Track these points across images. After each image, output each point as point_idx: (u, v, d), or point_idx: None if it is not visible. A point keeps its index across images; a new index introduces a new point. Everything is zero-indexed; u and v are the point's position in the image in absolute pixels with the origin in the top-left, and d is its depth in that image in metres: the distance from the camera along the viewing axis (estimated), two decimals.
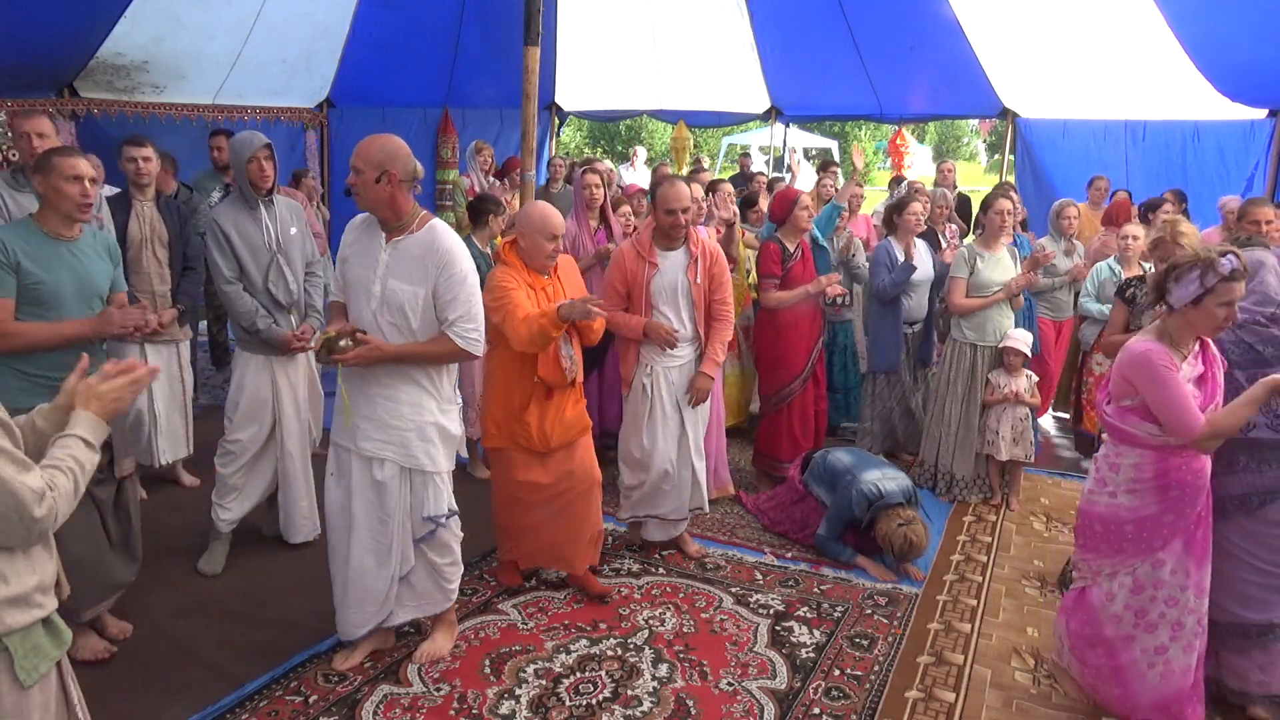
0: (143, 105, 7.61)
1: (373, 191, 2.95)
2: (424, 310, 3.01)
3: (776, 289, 4.78)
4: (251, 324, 3.86)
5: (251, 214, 3.88)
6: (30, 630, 1.79)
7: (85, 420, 1.90)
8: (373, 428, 3.08)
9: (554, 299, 3.48)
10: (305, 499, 4.16)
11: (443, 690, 3.17)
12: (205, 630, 3.50)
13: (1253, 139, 7.20)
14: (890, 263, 5.20)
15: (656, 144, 29.57)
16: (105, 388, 1.95)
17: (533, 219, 3.48)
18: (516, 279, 3.45)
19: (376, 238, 3.05)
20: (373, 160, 2.93)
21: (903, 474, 4.33)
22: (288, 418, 4.03)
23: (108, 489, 3.23)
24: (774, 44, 9.09)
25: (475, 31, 8.67)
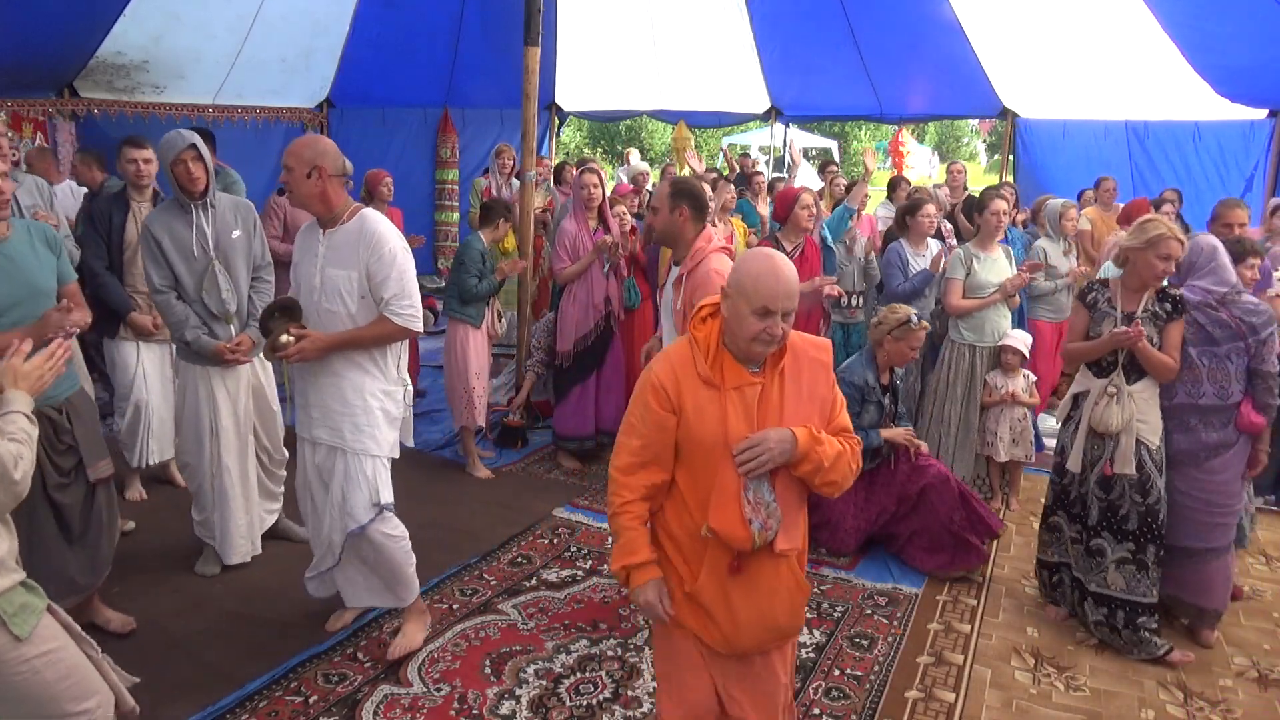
0: (142, 105, 7.61)
1: (304, 186, 3.08)
2: (359, 293, 3.11)
3: None
4: (181, 334, 3.68)
5: (185, 218, 3.67)
6: (12, 592, 2.00)
7: (21, 398, 2.05)
8: (319, 414, 3.21)
9: (769, 413, 2.08)
10: (242, 517, 3.92)
11: (443, 690, 3.17)
12: (205, 630, 3.50)
13: (1253, 139, 7.21)
14: (902, 264, 5.17)
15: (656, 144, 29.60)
16: (28, 367, 2.10)
17: (744, 283, 2.04)
18: (678, 383, 2.09)
19: (315, 234, 3.20)
20: (303, 158, 3.06)
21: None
22: (224, 430, 3.83)
23: (74, 492, 3.08)
24: (774, 44, 9.10)
25: (475, 31, 8.69)
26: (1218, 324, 3.48)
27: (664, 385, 2.09)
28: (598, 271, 5.14)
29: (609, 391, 5.33)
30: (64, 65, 6.99)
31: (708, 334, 2.13)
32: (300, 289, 3.24)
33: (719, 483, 2.04)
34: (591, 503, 4.89)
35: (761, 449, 2.01)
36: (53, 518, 3.05)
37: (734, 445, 2.03)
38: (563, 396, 5.31)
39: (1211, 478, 3.57)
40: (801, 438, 2.04)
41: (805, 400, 2.13)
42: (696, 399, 2.08)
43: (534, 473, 5.36)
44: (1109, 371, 3.57)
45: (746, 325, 2.02)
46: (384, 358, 3.21)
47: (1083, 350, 3.63)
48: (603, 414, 5.33)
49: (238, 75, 7.97)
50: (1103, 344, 3.53)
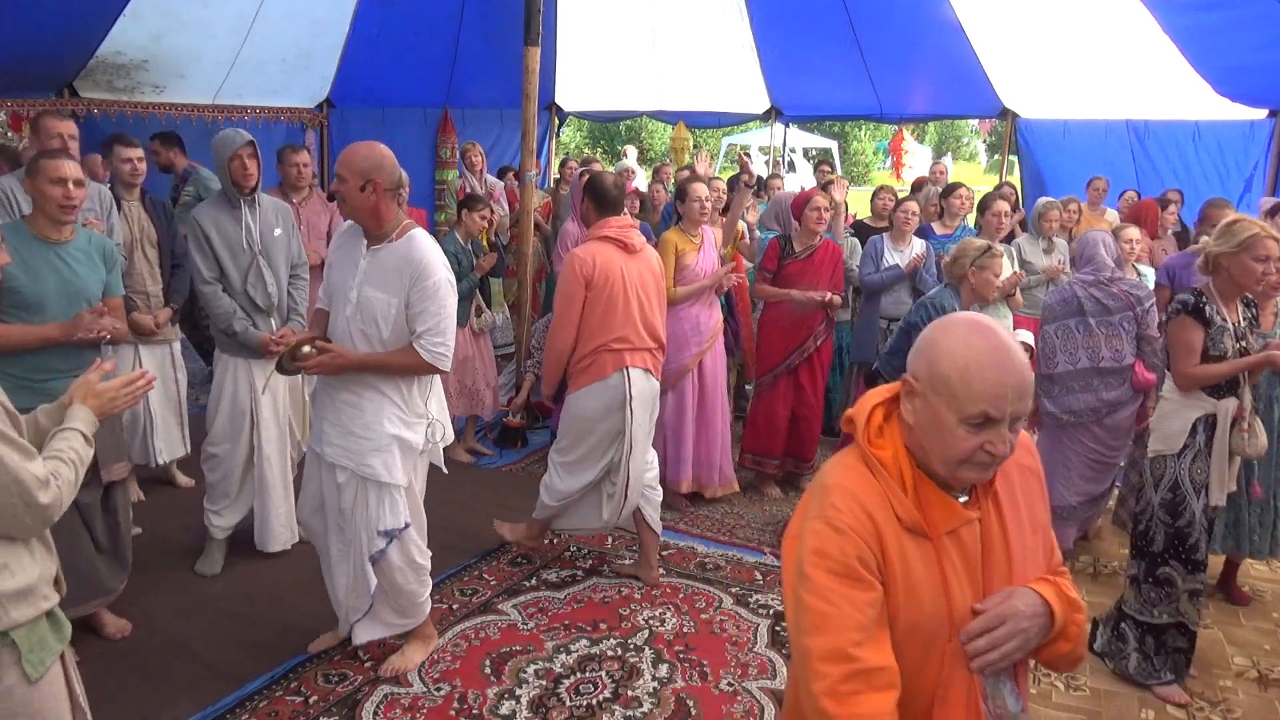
0: (143, 105, 7.61)
1: (357, 199, 2.93)
2: (395, 320, 2.97)
3: (767, 283, 4.87)
4: (228, 325, 3.78)
5: (233, 213, 3.81)
6: (36, 624, 1.81)
7: (82, 414, 1.95)
8: (335, 434, 3.05)
9: (995, 567, 1.44)
10: (283, 506, 4.02)
11: (443, 690, 3.17)
12: (205, 630, 3.50)
13: (1253, 139, 7.20)
14: (876, 257, 5.31)
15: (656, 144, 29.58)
16: (104, 387, 2.00)
17: (949, 376, 1.37)
18: (878, 533, 1.38)
19: (358, 245, 3.05)
20: (357, 169, 2.91)
21: None
22: (265, 422, 3.92)
23: (92, 493, 3.17)
24: (774, 44, 9.08)
25: (475, 31, 8.68)
26: (1112, 297, 4.09)
27: (862, 537, 1.32)
28: None
29: None
30: (64, 65, 6.99)
31: (895, 451, 1.39)
32: (332, 298, 3.10)
33: (942, 689, 1.35)
34: None
35: (1007, 631, 1.32)
36: (79, 520, 3.12)
37: (963, 626, 1.34)
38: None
39: (1109, 433, 4.16)
40: (1055, 604, 1.38)
41: (1029, 534, 1.46)
42: (904, 557, 1.35)
43: (534, 473, 5.35)
44: (1228, 391, 3.21)
45: (953, 442, 1.33)
46: (409, 388, 3.07)
47: (1223, 371, 3.16)
48: None
49: (238, 75, 7.97)
50: (1255, 362, 3.15)
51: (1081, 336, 4.12)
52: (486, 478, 5.25)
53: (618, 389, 3.70)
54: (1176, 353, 3.25)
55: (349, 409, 3.03)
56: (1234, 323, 3.21)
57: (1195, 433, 3.23)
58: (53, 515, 1.79)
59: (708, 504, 4.88)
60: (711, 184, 5.64)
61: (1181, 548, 3.23)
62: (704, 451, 4.82)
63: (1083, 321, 4.12)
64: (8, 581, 1.75)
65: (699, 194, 4.69)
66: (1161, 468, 3.29)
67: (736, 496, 4.99)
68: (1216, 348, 3.16)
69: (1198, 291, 3.22)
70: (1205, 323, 3.16)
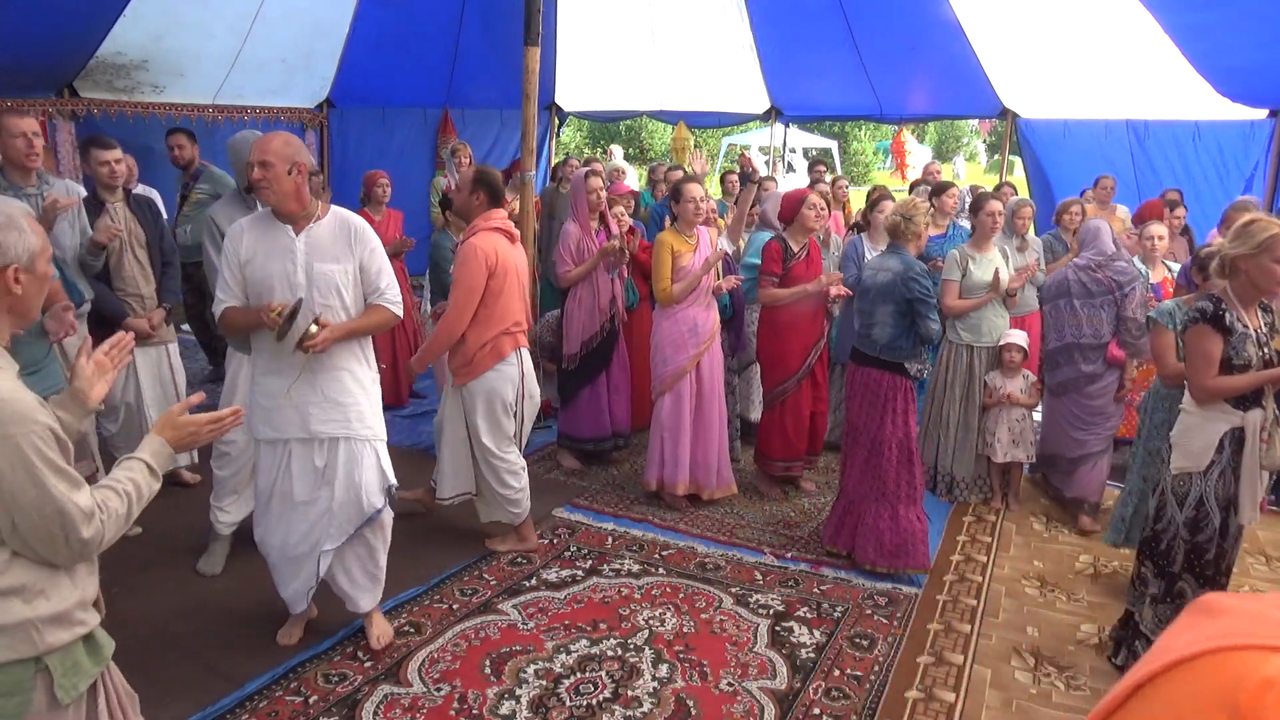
0: (142, 105, 7.61)
1: (284, 184, 3.07)
2: (354, 286, 3.19)
3: (775, 287, 4.78)
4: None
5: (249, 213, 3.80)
6: (71, 648, 1.77)
7: (154, 445, 1.91)
8: (322, 410, 3.19)
9: None
10: None
11: (443, 690, 3.17)
12: (205, 630, 3.50)
13: (1253, 139, 7.20)
14: (858, 258, 5.29)
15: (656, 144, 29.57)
16: (184, 420, 1.95)
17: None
18: None
19: (279, 232, 3.15)
20: (282, 154, 3.06)
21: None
22: None
23: None
24: (773, 44, 9.09)
25: (475, 31, 8.68)
26: (1095, 282, 4.65)
27: None
28: (602, 273, 5.14)
29: (618, 393, 5.35)
30: (64, 65, 6.99)
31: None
32: (264, 286, 3.12)
33: None
34: (591, 503, 4.90)
35: None
36: None
37: None
38: (570, 399, 5.31)
39: (1089, 401, 4.75)
40: None
41: None
42: None
43: (534, 473, 5.33)
44: (1253, 402, 3.09)
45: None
46: (368, 348, 3.33)
47: (1244, 384, 3.03)
48: (615, 415, 5.36)
49: (238, 75, 7.97)
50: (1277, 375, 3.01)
51: (1068, 315, 4.74)
52: None
53: (514, 367, 4.07)
54: (1195, 364, 3.08)
55: (333, 382, 3.20)
56: (1255, 329, 3.06)
57: (1222, 448, 3.12)
58: (91, 551, 1.75)
59: (708, 504, 4.89)
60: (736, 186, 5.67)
61: (1198, 563, 3.18)
62: (701, 454, 4.82)
63: (1069, 302, 4.72)
64: (43, 607, 1.71)
65: (694, 194, 4.68)
66: (1187, 485, 3.18)
67: (736, 497, 4.99)
68: (1240, 356, 3.02)
69: (1215, 298, 3.05)
70: (1225, 331, 3.00)
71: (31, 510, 1.65)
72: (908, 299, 4.02)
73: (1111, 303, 4.61)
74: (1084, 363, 4.70)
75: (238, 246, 3.16)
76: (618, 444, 5.43)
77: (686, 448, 4.77)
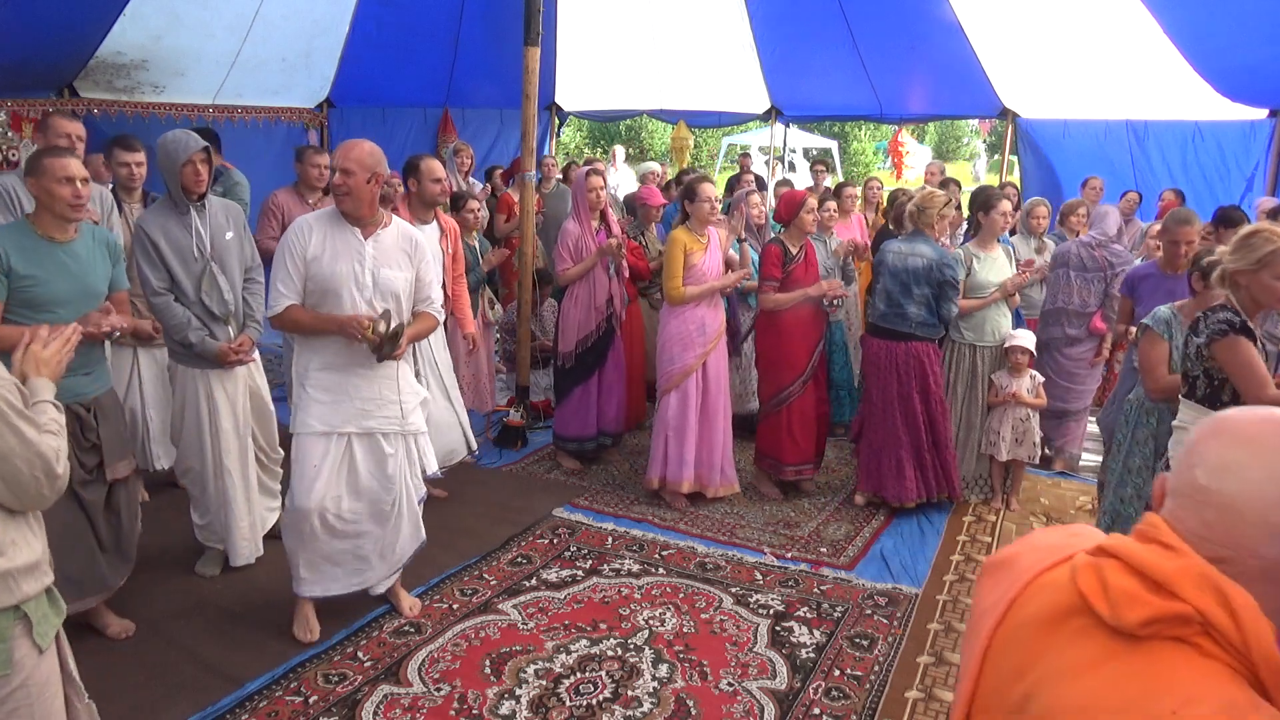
0: (142, 105, 7.60)
1: (364, 191, 3.20)
2: (409, 293, 3.39)
3: (776, 291, 4.77)
4: (184, 337, 3.61)
5: (181, 220, 3.62)
6: (40, 599, 1.91)
7: (44, 385, 2.03)
8: (376, 406, 3.36)
9: None
10: (245, 518, 3.88)
11: (443, 690, 3.17)
12: (205, 630, 3.50)
13: (1253, 139, 7.19)
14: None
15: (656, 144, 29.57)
16: (48, 354, 2.09)
17: None
18: None
19: (348, 234, 3.26)
20: (365, 164, 3.18)
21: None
22: (225, 433, 3.78)
23: (96, 490, 3.19)
24: (774, 44, 9.08)
25: (475, 31, 8.68)
26: (1092, 258, 5.28)
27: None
28: (601, 272, 5.14)
29: (610, 393, 5.33)
30: (64, 65, 6.98)
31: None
32: (332, 285, 3.22)
33: None
34: (591, 503, 4.90)
35: None
36: (84, 516, 3.14)
37: None
38: (564, 397, 5.31)
39: (1069, 361, 5.40)
40: None
41: None
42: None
43: (534, 473, 5.36)
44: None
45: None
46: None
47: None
48: (604, 415, 5.33)
49: (238, 75, 7.96)
50: None
51: (1063, 283, 5.36)
52: (486, 478, 5.25)
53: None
54: (1246, 380, 2.80)
55: (387, 381, 3.38)
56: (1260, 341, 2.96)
57: None
58: (63, 485, 1.91)
59: (708, 504, 4.89)
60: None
61: None
62: (706, 452, 4.82)
63: (1067, 272, 5.35)
64: (19, 557, 1.84)
65: (708, 194, 4.69)
66: None
67: (736, 496, 4.99)
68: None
69: (1229, 307, 2.90)
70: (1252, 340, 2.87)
71: (16, 458, 1.78)
72: (940, 281, 4.53)
73: (1102, 279, 5.24)
74: (1069, 326, 5.34)
75: (304, 242, 3.22)
76: (603, 444, 5.41)
77: (691, 447, 4.77)
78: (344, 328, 3.19)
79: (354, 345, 3.22)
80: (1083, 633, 1.02)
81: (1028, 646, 1.08)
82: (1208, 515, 0.99)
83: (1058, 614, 1.06)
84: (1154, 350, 3.45)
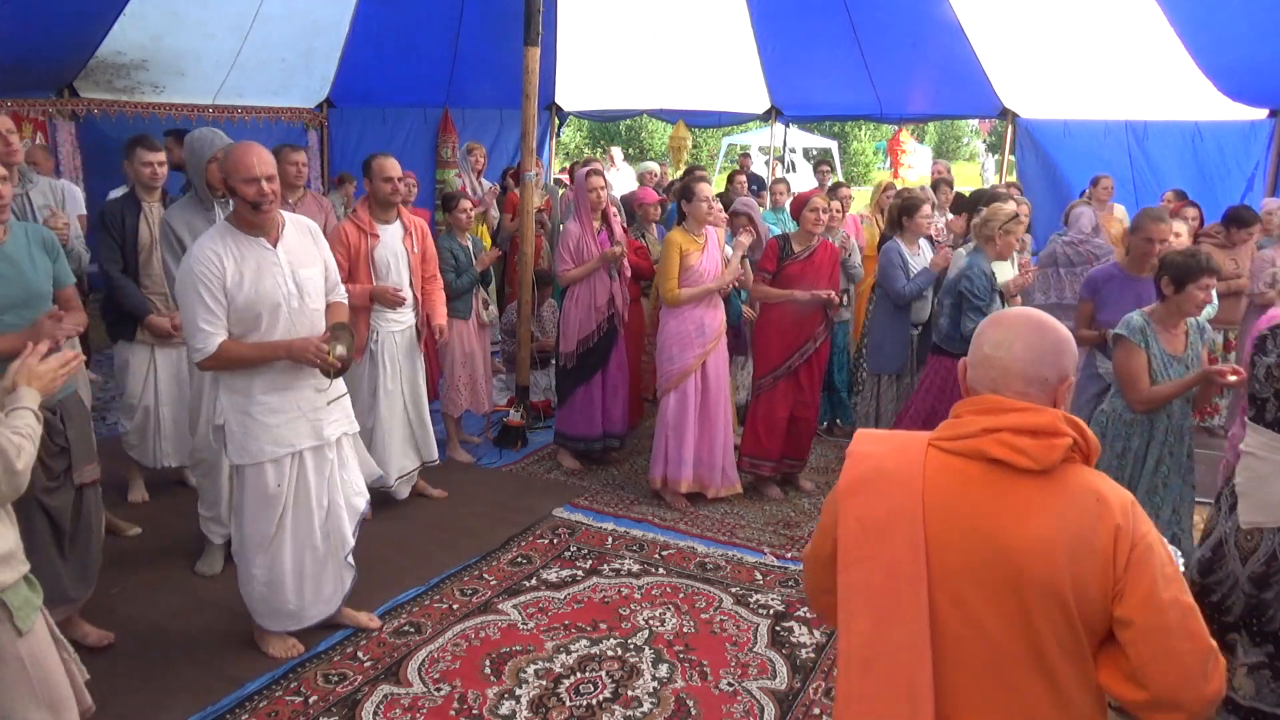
0: (142, 105, 7.61)
1: (276, 198, 3.02)
2: (324, 285, 3.24)
3: (765, 283, 4.81)
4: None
5: (206, 216, 3.73)
6: (18, 585, 2.03)
7: (30, 395, 2.07)
8: (329, 412, 3.25)
9: None
10: None
11: (443, 690, 3.17)
12: (205, 630, 3.50)
13: (1253, 139, 7.20)
14: (903, 264, 5.12)
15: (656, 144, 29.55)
16: (43, 368, 2.12)
17: None
18: None
19: (255, 245, 3.02)
20: (275, 165, 3.04)
21: None
22: None
23: (63, 496, 3.06)
24: (774, 44, 9.09)
25: (475, 31, 8.68)
26: (1078, 254, 5.68)
27: None
28: (601, 272, 5.13)
29: (614, 394, 5.32)
30: (64, 65, 6.99)
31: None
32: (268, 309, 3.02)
33: None
34: (591, 503, 4.90)
35: None
36: (47, 523, 3.03)
37: None
38: (566, 397, 5.31)
39: None
40: None
41: None
42: None
43: (534, 473, 5.36)
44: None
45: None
46: None
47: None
48: (609, 416, 5.33)
49: (238, 75, 7.97)
50: None
51: (1054, 280, 5.71)
52: (486, 478, 5.25)
53: None
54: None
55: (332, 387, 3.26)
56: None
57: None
58: (22, 484, 1.98)
59: (708, 504, 4.88)
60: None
61: (1258, 621, 2.81)
62: (706, 452, 4.82)
63: (1056, 270, 5.71)
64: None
65: (706, 194, 4.69)
66: (1256, 541, 2.76)
67: (736, 496, 4.99)
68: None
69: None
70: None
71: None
72: (959, 290, 4.17)
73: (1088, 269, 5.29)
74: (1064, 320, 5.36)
75: (220, 271, 2.93)
76: (609, 444, 5.41)
77: (690, 446, 4.77)
78: (297, 354, 3.01)
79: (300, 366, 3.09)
80: (1004, 486, 1.45)
81: (963, 514, 1.46)
82: (994, 374, 1.52)
83: (971, 483, 1.47)
84: (1132, 361, 3.33)
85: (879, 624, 1.48)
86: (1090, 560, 1.38)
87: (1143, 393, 3.31)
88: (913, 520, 1.46)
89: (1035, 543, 1.39)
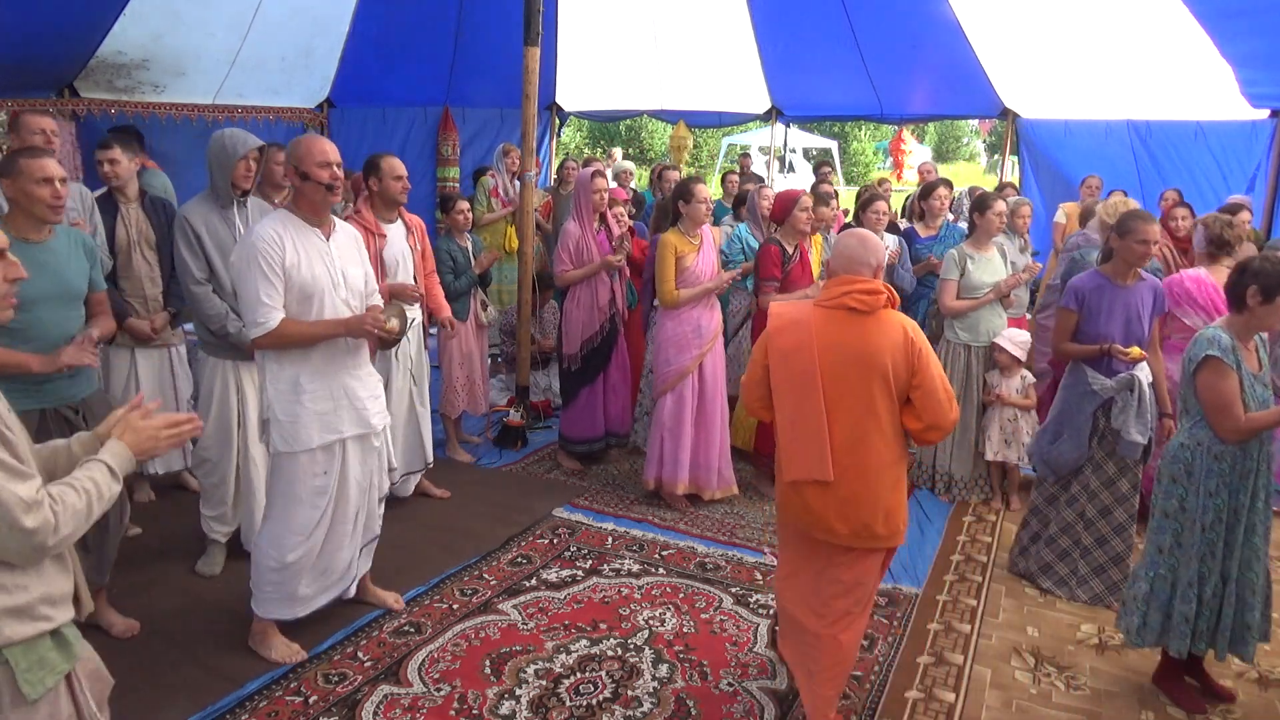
0: (143, 105, 7.60)
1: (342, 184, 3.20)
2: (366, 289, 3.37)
3: (774, 290, 4.74)
4: (221, 327, 3.70)
5: (223, 214, 3.75)
6: (35, 643, 1.75)
7: (115, 449, 1.89)
8: (375, 402, 3.37)
9: None
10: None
11: (443, 690, 3.17)
12: (205, 630, 3.50)
13: (1254, 139, 7.18)
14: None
15: (656, 144, 29.56)
16: (144, 425, 1.94)
17: None
18: None
19: (312, 235, 3.16)
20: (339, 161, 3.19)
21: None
22: (251, 422, 3.85)
23: None
24: (774, 44, 9.09)
25: (475, 31, 8.68)
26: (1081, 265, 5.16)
27: None
28: (603, 279, 5.13)
29: (615, 393, 5.32)
30: (64, 65, 6.98)
31: None
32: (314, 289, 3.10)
33: None
34: (591, 503, 4.89)
35: None
36: None
37: None
38: (571, 399, 5.30)
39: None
40: None
41: None
42: None
43: (534, 473, 5.36)
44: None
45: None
46: None
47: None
48: (610, 416, 5.33)
49: (238, 75, 7.96)
50: None
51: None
52: (486, 478, 5.25)
53: None
54: None
55: (370, 375, 3.38)
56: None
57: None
58: (42, 541, 1.69)
59: (707, 504, 4.88)
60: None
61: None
62: (702, 454, 4.81)
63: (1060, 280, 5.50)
64: (2, 600, 1.69)
65: (704, 194, 4.67)
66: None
67: (736, 497, 4.99)
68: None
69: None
70: None
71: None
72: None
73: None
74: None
75: (280, 250, 3.02)
76: (610, 444, 5.41)
77: (687, 448, 4.77)
78: (355, 328, 3.11)
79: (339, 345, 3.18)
80: (855, 321, 2.74)
81: (835, 339, 2.74)
82: (842, 261, 2.80)
83: (838, 322, 2.76)
84: (1226, 384, 2.89)
85: (797, 401, 2.78)
86: (900, 357, 2.69)
87: (1240, 420, 2.88)
88: (810, 345, 2.75)
89: (873, 349, 2.70)
